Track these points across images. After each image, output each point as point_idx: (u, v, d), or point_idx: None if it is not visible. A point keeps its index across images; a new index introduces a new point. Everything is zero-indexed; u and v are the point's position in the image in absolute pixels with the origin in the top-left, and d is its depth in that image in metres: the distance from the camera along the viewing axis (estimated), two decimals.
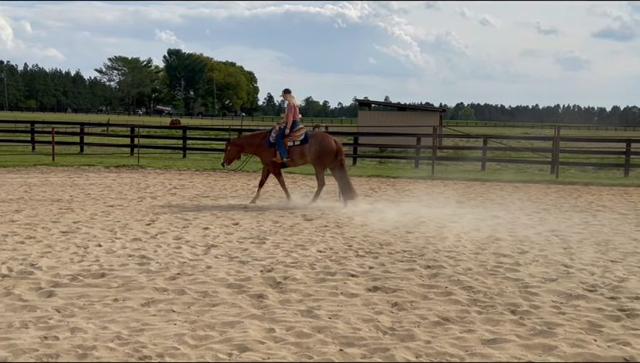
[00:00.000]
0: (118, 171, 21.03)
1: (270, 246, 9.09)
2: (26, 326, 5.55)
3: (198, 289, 6.75)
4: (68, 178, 18.47)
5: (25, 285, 6.80)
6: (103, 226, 10.46)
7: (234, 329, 5.55)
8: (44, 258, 8.01)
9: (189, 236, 9.75)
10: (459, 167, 24.69)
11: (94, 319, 5.74)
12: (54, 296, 6.44)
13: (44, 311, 5.97)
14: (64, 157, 24.86)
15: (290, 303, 6.34)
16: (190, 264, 7.86)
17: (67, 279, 7.04)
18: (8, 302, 6.22)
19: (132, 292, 6.61)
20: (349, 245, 9.24)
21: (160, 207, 12.73)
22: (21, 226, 10.31)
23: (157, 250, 8.67)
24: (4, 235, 9.48)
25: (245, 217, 11.62)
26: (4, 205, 12.49)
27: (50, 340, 5.23)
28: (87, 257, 8.17)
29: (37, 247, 8.73)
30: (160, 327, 5.56)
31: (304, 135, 13.57)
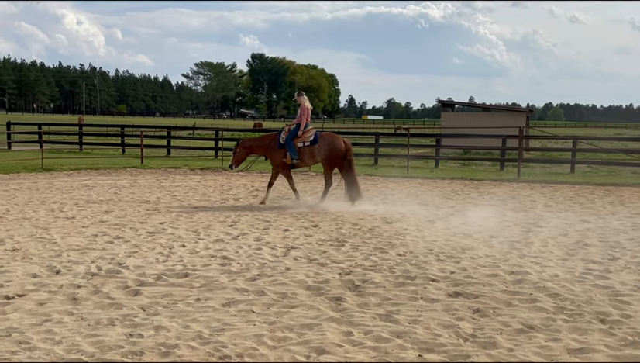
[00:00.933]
0: (202, 173, 21.59)
1: (349, 248, 9.09)
2: (113, 323, 5.76)
3: (277, 291, 6.82)
4: (155, 179, 19.12)
5: (113, 283, 7.08)
6: (187, 227, 10.75)
7: (312, 331, 5.57)
8: (131, 258, 8.31)
9: (269, 237, 9.88)
10: (546, 170, 23.91)
11: (177, 318, 5.90)
12: (140, 295, 6.67)
13: (130, 309, 6.19)
14: (152, 160, 25.76)
15: (369, 307, 6.31)
16: (270, 266, 7.96)
17: (152, 278, 7.28)
18: (96, 299, 6.49)
19: (214, 292, 6.76)
20: (429, 249, 9.11)
21: (241, 209, 12.97)
22: (110, 226, 10.74)
23: (238, 251, 8.84)
24: (94, 235, 9.91)
25: (324, 220, 11.67)
26: (94, 206, 13.06)
27: (135, 337, 5.41)
28: (172, 257, 8.42)
29: (125, 246, 9.07)
30: (240, 327, 5.65)
31: (314, 136, 13.77)
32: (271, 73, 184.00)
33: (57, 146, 31.23)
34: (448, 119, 35.46)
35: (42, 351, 5.06)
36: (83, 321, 5.81)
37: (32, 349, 5.10)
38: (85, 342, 5.26)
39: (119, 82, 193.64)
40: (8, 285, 6.93)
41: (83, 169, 22.20)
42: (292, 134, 13.77)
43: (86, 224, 10.89)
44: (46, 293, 6.67)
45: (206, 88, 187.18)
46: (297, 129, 13.75)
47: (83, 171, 21.84)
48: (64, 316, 5.94)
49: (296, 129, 13.75)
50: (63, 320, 5.82)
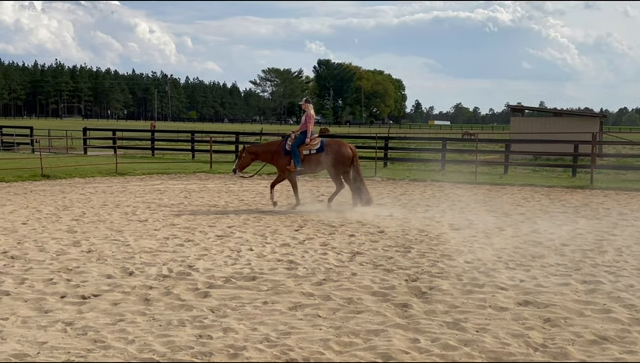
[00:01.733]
0: (269, 178, 21.82)
1: (416, 255, 9.02)
2: (183, 324, 5.91)
3: (343, 296, 6.84)
4: (224, 184, 19.49)
5: (184, 285, 7.25)
6: (255, 231, 10.91)
7: (378, 337, 5.56)
8: (201, 260, 8.50)
9: (335, 242, 9.91)
10: (620, 177, 23.08)
11: (245, 321, 6.00)
12: (209, 297, 6.81)
13: (200, 311, 6.33)
14: (221, 165, 26.25)
15: (436, 314, 6.25)
16: (336, 271, 7.98)
17: (221, 281, 7.42)
18: (167, 301, 6.66)
19: (281, 296, 6.84)
20: (498, 257, 8.94)
21: (307, 213, 13.06)
22: (181, 229, 11.01)
23: (304, 255, 8.90)
24: (165, 238, 10.18)
25: (390, 225, 11.62)
26: (166, 210, 13.41)
27: (205, 338, 5.53)
28: (240, 260, 8.57)
29: (195, 249, 9.28)
30: (307, 331, 5.70)
31: (320, 143, 13.88)
32: (337, 79, 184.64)
33: (130, 152, 32.22)
34: (517, 124, 34.73)
35: (116, 350, 5.23)
36: (155, 321, 5.98)
37: (107, 347, 5.29)
38: (157, 342, 5.41)
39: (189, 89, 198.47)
40: (84, 285, 7.20)
41: (155, 173, 22.84)
42: (298, 142, 13.87)
43: (158, 227, 11.20)
44: (119, 294, 6.89)
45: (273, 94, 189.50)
46: (303, 136, 13.86)
47: (155, 175, 22.47)
48: (137, 317, 6.12)
49: (302, 137, 13.86)
50: (136, 320, 6.01)
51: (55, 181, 20.13)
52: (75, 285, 7.18)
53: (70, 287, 7.12)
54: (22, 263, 8.25)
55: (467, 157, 28.08)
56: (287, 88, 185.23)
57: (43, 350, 5.21)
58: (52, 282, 7.31)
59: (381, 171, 23.77)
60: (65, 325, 5.84)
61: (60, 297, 6.74)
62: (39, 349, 5.23)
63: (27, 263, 8.25)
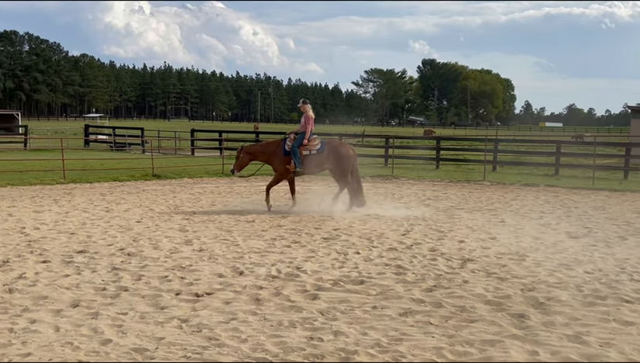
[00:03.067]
0: (373, 180, 21.87)
1: (531, 263, 8.75)
2: (294, 325, 6.03)
3: (455, 303, 6.74)
4: (327, 186, 19.66)
5: (292, 286, 7.40)
6: (360, 234, 10.96)
7: (494, 348, 5.45)
8: (308, 262, 8.64)
9: (444, 248, 9.79)
10: None
11: (355, 325, 6.04)
12: (318, 299, 6.91)
13: (309, 312, 6.43)
14: None
15: (555, 326, 6.04)
16: (447, 277, 7.88)
17: (329, 284, 7.51)
18: (277, 301, 6.82)
19: (390, 301, 6.83)
20: (621, 267, 8.53)
21: (414, 218, 12.97)
22: (287, 230, 11.23)
23: (413, 260, 8.85)
24: (272, 239, 10.41)
25: (502, 232, 11.34)
26: (272, 211, 13.70)
27: (315, 340, 5.61)
28: (347, 263, 8.63)
29: (302, 251, 9.44)
30: (418, 339, 5.66)
31: (321, 144, 14.00)
32: (442, 79, 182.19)
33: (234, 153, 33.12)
34: (638, 126, 32.94)
35: (230, 348, 5.41)
36: (266, 321, 6.14)
37: (221, 345, 5.48)
38: (269, 342, 5.55)
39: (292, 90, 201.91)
40: (197, 284, 7.49)
41: (260, 175, 23.34)
42: (298, 142, 13.96)
43: (265, 228, 11.48)
44: (231, 293, 7.12)
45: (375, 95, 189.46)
46: (302, 137, 13.96)
47: (260, 176, 22.98)
48: (249, 316, 6.31)
49: (301, 138, 13.95)
50: (248, 320, 6.19)
51: (165, 180, 21.03)
52: (189, 283, 7.49)
53: (184, 284, 7.43)
54: (138, 260, 8.69)
55: (583, 161, 26.94)
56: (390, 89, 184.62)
57: (161, 345, 5.46)
58: (167, 279, 7.65)
59: (490, 175, 23.22)
60: (180, 322, 6.10)
61: (174, 294, 7.05)
62: (157, 344, 5.49)
63: (143, 260, 8.68)
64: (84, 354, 5.25)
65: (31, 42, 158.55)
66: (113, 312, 6.34)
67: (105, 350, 5.34)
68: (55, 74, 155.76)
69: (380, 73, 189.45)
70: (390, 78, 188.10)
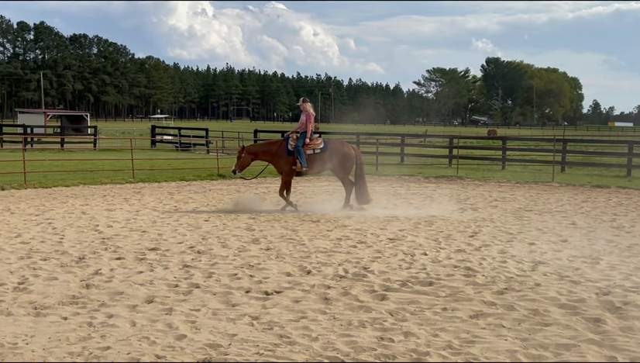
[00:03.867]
0: (437, 181, 21.69)
1: (605, 267, 8.52)
2: (364, 325, 6.05)
3: (528, 306, 6.63)
4: (390, 187, 19.63)
5: (360, 286, 7.42)
6: (427, 235, 10.89)
7: (570, 352, 5.34)
8: (375, 263, 8.65)
9: (514, 250, 9.63)
10: None
11: (425, 326, 6.02)
12: (387, 300, 6.92)
13: (378, 313, 6.45)
14: (386, 167, 26.45)
15: (634, 331, 5.88)
16: (518, 280, 7.76)
17: (398, 284, 7.50)
18: (346, 301, 6.86)
19: (460, 303, 6.78)
20: None
21: (481, 219, 12.80)
22: (352, 231, 11.26)
23: (482, 262, 8.74)
24: (338, 239, 10.47)
25: (574, 234, 11.08)
26: (336, 211, 13.76)
27: (386, 341, 5.63)
28: (415, 264, 8.60)
29: (368, 251, 9.45)
30: (491, 341, 5.61)
31: (324, 143, 14.04)
32: (507, 78, 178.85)
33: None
34: None
35: (301, 346, 5.48)
36: (335, 321, 6.19)
37: (292, 343, 5.55)
38: (339, 341, 5.60)
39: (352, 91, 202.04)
40: (266, 282, 7.60)
41: (321, 175, 23.46)
42: (301, 142, 13.93)
43: (330, 228, 11.54)
44: (300, 291, 7.20)
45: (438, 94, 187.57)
46: (304, 136, 13.95)
47: (322, 176, 23.11)
48: (318, 315, 6.37)
49: (303, 137, 13.94)
50: (318, 318, 6.25)
51: (230, 180, 21.38)
52: (258, 281, 7.61)
53: (253, 282, 7.56)
54: (208, 258, 8.88)
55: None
56: (453, 89, 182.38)
57: (234, 342, 5.58)
58: (236, 277, 7.80)
59: (559, 176, 22.69)
60: (252, 319, 6.21)
61: (244, 292, 7.18)
62: (230, 340, 5.60)
63: (212, 258, 8.87)
64: (161, 348, 5.41)
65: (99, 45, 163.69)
66: (186, 309, 6.51)
67: (181, 345, 5.49)
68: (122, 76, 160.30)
69: (443, 72, 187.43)
70: (453, 77, 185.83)
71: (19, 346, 5.41)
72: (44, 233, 10.73)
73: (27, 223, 11.61)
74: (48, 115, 54.46)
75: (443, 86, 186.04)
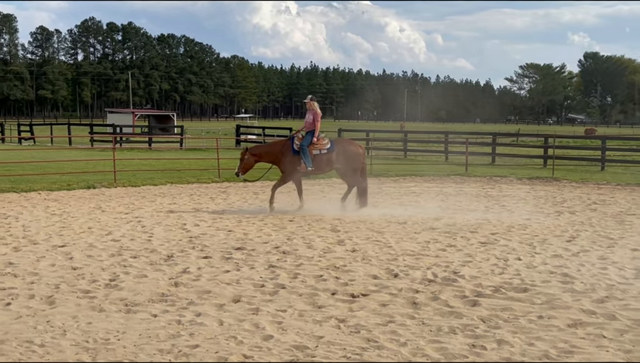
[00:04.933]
0: (530, 182, 21.13)
1: None
2: (454, 331, 5.98)
3: (631, 316, 6.37)
4: (481, 188, 19.27)
5: (450, 291, 7.34)
6: (521, 239, 10.64)
7: None
8: (466, 267, 8.52)
9: (615, 256, 9.26)
10: None
11: (520, 334, 5.89)
12: (478, 306, 6.81)
13: (470, 319, 6.35)
14: (476, 168, 26.01)
15: None
16: (620, 288, 7.47)
17: (490, 290, 7.37)
18: (435, 306, 6.79)
19: (557, 311, 6.59)
20: None
21: (579, 223, 12.38)
22: (441, 233, 11.14)
23: (580, 269, 8.46)
24: (426, 241, 10.37)
25: None
26: (423, 213, 13.64)
27: (478, 348, 5.54)
28: (508, 269, 8.42)
29: (458, 255, 9.33)
30: (591, 352, 5.43)
31: (330, 143, 13.91)
32: (606, 73, 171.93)
33: (382, 153, 33.30)
34: None
35: (389, 351, 5.47)
36: (424, 326, 6.14)
37: (380, 348, 5.55)
38: (429, 347, 5.55)
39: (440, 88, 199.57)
40: (352, 284, 7.63)
41: (408, 175, 23.34)
42: (307, 141, 13.73)
43: (417, 230, 11.46)
44: (387, 295, 7.19)
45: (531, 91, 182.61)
46: (311, 135, 13.75)
47: (408, 177, 22.97)
48: (406, 319, 6.34)
49: (310, 136, 13.75)
50: (406, 323, 6.22)
51: (313, 180, 21.54)
52: (344, 283, 7.65)
53: (339, 285, 7.60)
54: (293, 258, 9.00)
55: None
56: (548, 85, 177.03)
57: (321, 344, 5.63)
58: (322, 279, 7.87)
59: None
60: (338, 321, 6.25)
61: (330, 294, 7.23)
62: (316, 343, 5.66)
63: (298, 258, 8.98)
64: (248, 348, 5.53)
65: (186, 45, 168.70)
66: (273, 309, 6.62)
67: (267, 345, 5.60)
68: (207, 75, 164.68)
69: (537, 68, 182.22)
70: (548, 73, 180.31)
71: (111, 342, 5.66)
72: (134, 231, 11.17)
73: (117, 221, 12.11)
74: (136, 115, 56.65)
75: (537, 82, 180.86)
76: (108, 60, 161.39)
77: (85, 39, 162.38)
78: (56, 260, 8.82)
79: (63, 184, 17.83)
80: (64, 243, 9.96)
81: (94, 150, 32.94)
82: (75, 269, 8.30)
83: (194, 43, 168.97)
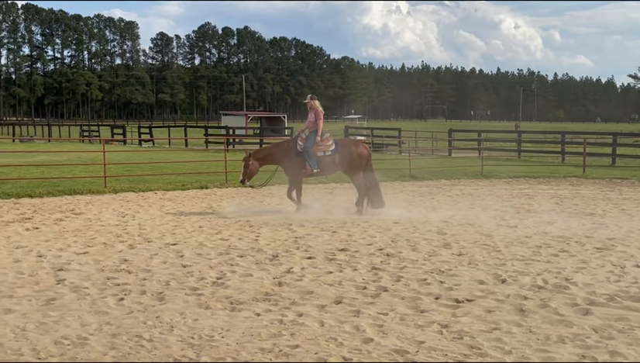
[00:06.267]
0: None
1: None
2: (563, 341, 5.72)
3: None
4: (600, 191, 18.40)
5: (561, 299, 7.03)
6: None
7: None
8: (579, 274, 8.14)
9: None
10: None
11: (635, 346, 5.56)
12: (591, 315, 6.48)
13: (581, 328, 6.06)
14: (595, 169, 24.88)
15: None
16: None
17: (604, 299, 7.00)
18: (544, 314, 6.53)
19: None
20: None
21: None
22: (554, 238, 10.70)
23: None
24: (537, 246, 10.00)
25: None
26: (536, 216, 13.17)
27: (588, 359, 5.28)
28: (625, 277, 7.98)
29: (571, 261, 8.92)
30: None
31: (334, 144, 13.54)
32: None
33: (494, 154, 32.49)
34: None
35: (492, 359, 5.31)
36: (531, 334, 5.92)
37: (484, 355, 5.40)
38: (535, 356, 5.35)
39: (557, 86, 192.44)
40: (457, 289, 7.47)
41: (521, 177, 22.65)
42: (310, 142, 13.42)
43: (528, 234, 11.07)
44: (493, 301, 6.98)
45: None
46: (314, 136, 13.45)
47: (521, 178, 22.30)
48: (512, 327, 6.13)
49: (313, 137, 13.45)
50: (512, 331, 6.01)
51: (422, 181, 21.35)
52: (448, 288, 7.50)
53: (443, 289, 7.47)
54: (397, 261, 8.93)
55: None
56: None
57: (422, 349, 5.55)
58: (426, 282, 7.75)
59: None
60: (441, 327, 6.13)
61: (434, 298, 7.11)
62: (417, 347, 5.58)
63: (401, 261, 8.90)
64: (348, 350, 5.53)
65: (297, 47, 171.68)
66: (374, 312, 6.59)
67: (367, 348, 5.57)
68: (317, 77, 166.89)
69: None
70: None
71: (215, 339, 5.82)
72: (242, 230, 11.46)
73: (226, 221, 12.46)
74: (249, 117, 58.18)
75: None
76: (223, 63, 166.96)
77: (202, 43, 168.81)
78: (168, 257, 9.19)
79: (178, 185, 18.56)
80: (176, 242, 10.36)
81: (208, 152, 34.11)
82: (185, 267, 8.61)
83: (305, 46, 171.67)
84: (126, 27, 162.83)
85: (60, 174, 20.13)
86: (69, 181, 18.61)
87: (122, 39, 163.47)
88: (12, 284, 7.69)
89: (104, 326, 6.15)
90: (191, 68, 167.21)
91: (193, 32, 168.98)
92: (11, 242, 10.23)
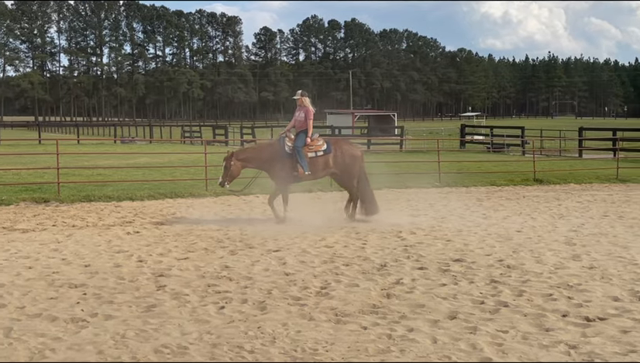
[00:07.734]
0: None
1: None
2: None
3: None
4: None
5: None
6: None
7: None
8: None
9: None
10: None
11: None
12: None
13: None
14: None
15: None
16: None
17: None
18: None
19: None
20: None
21: None
22: None
23: None
24: None
25: None
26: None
27: None
28: None
29: None
30: None
31: (326, 145, 13.28)
32: None
33: (632, 155, 31.07)
34: None
35: None
36: None
37: None
38: None
39: None
40: (588, 306, 7.21)
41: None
42: (300, 142, 13.10)
43: None
44: (629, 320, 6.69)
45: None
46: (304, 135, 13.14)
47: None
48: None
49: (303, 136, 13.14)
50: None
51: (548, 186, 20.73)
52: (577, 305, 7.25)
53: (571, 306, 7.22)
54: (518, 274, 8.71)
55: None
56: None
57: None
58: (551, 298, 7.52)
59: None
60: (568, 348, 5.94)
61: (561, 315, 6.89)
62: None
63: (524, 274, 8.67)
64: None
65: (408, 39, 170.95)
66: (492, 329, 6.46)
67: None
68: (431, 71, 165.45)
69: None
70: None
71: (319, 353, 5.88)
72: (347, 237, 11.53)
73: (331, 227, 12.56)
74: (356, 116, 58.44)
75: None
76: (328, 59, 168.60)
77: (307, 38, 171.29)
78: (270, 264, 9.38)
79: None
80: (278, 248, 10.56)
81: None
82: (287, 275, 8.76)
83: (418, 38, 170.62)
84: (228, 23, 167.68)
85: (162, 176, 20.94)
86: (170, 183, 19.35)
87: (224, 35, 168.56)
88: (113, 289, 8.08)
89: (204, 335, 6.36)
90: (295, 64, 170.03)
91: (297, 26, 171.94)
92: (112, 246, 10.76)
